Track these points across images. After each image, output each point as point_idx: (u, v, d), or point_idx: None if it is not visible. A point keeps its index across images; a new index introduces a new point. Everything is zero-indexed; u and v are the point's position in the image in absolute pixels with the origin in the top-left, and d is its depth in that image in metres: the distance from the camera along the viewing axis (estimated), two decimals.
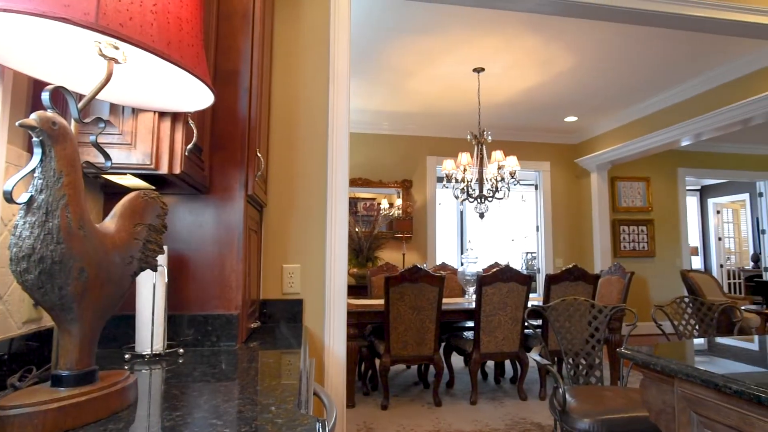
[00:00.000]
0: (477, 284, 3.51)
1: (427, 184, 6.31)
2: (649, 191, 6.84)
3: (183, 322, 1.42)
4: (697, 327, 2.51)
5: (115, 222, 0.87)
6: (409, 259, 6.09)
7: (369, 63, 4.34)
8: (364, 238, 5.59)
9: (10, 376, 0.92)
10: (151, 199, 0.94)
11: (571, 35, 3.77)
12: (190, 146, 1.19)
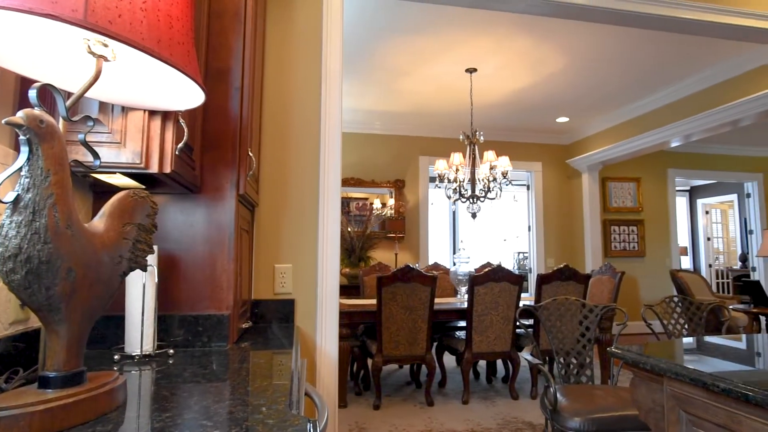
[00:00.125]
0: (469, 284, 3.52)
1: (420, 184, 6.32)
2: (639, 192, 6.90)
3: (173, 323, 1.41)
4: (686, 326, 2.54)
5: (104, 221, 0.86)
6: (402, 258, 6.10)
7: (361, 62, 4.33)
8: (356, 238, 5.58)
9: None
10: (141, 199, 0.93)
11: (562, 36, 3.80)
12: (180, 145, 1.18)
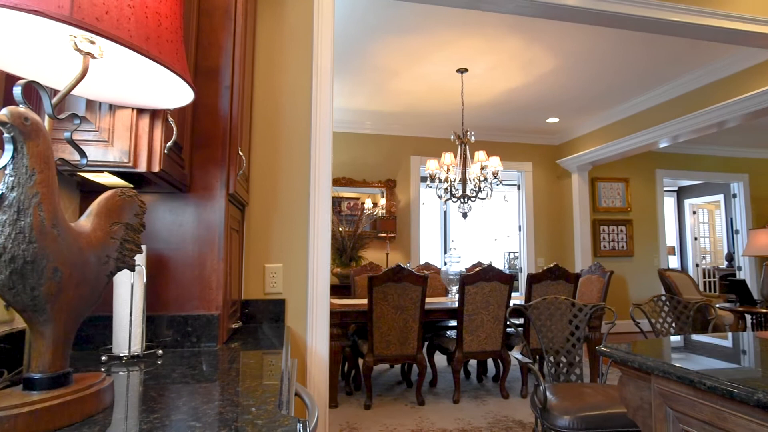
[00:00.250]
0: (460, 284, 3.53)
1: (411, 184, 6.33)
2: (628, 192, 6.97)
3: (162, 323, 1.39)
4: (674, 325, 2.57)
5: (91, 221, 0.85)
6: (393, 258, 6.10)
7: (353, 62, 4.33)
8: (347, 238, 5.58)
9: None
10: (129, 198, 0.92)
11: (552, 37, 3.82)
12: (169, 144, 1.17)
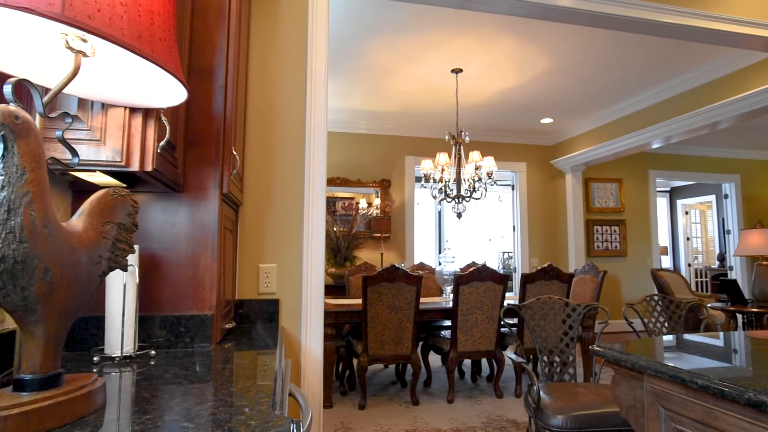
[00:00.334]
0: (454, 283, 3.54)
1: (406, 184, 6.33)
2: (621, 192, 7.01)
3: (155, 323, 1.39)
4: (666, 324, 2.59)
5: (83, 220, 0.84)
6: (388, 258, 6.10)
7: (347, 62, 4.32)
8: (342, 238, 5.57)
9: None
10: (121, 197, 0.91)
11: (546, 38, 3.84)
12: (162, 143, 1.16)
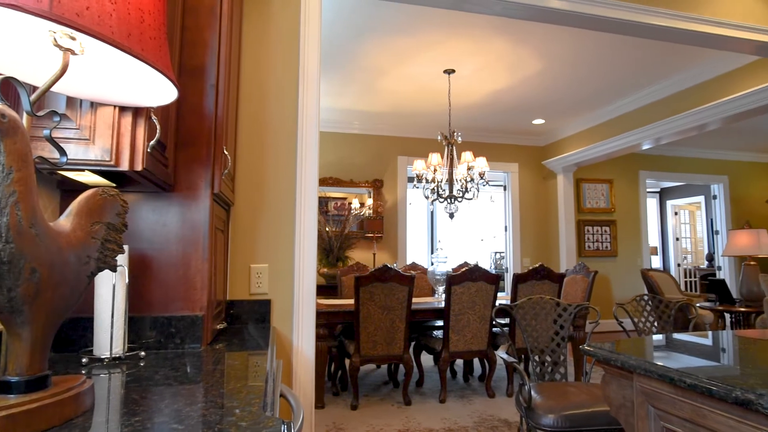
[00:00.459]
0: (446, 284, 3.54)
1: (398, 184, 6.33)
2: (612, 193, 7.07)
3: (145, 324, 1.37)
4: (656, 324, 2.61)
5: (71, 220, 0.83)
6: (380, 258, 6.10)
7: (340, 62, 4.32)
8: (334, 238, 5.56)
9: None
10: (110, 197, 0.90)
11: (538, 40, 3.86)
12: (152, 142, 1.15)
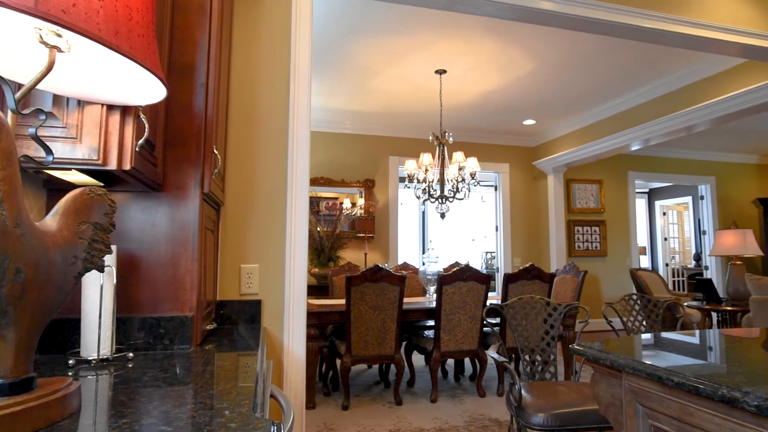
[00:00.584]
0: (438, 283, 3.55)
1: (390, 184, 6.33)
2: (601, 193, 7.13)
3: (134, 325, 1.36)
4: (645, 323, 2.64)
5: (57, 220, 0.82)
6: (371, 258, 6.10)
7: (331, 61, 4.31)
8: (325, 238, 5.55)
9: None
10: (98, 196, 0.89)
11: (529, 41, 3.88)
12: (141, 141, 1.14)
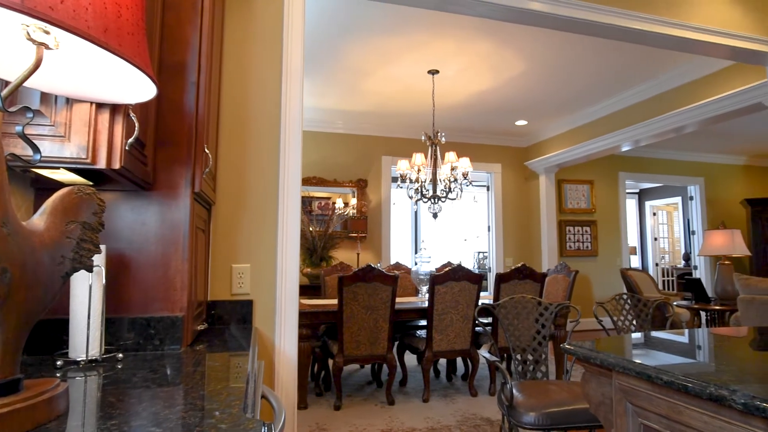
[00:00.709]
0: (430, 283, 3.55)
1: (382, 184, 6.33)
2: (592, 194, 7.19)
3: (123, 326, 1.35)
4: (635, 322, 2.66)
5: (45, 219, 0.81)
6: (364, 258, 6.09)
7: (324, 61, 4.30)
8: (318, 238, 5.53)
9: None
10: (87, 195, 0.88)
11: (521, 42, 3.90)
12: (131, 140, 1.13)
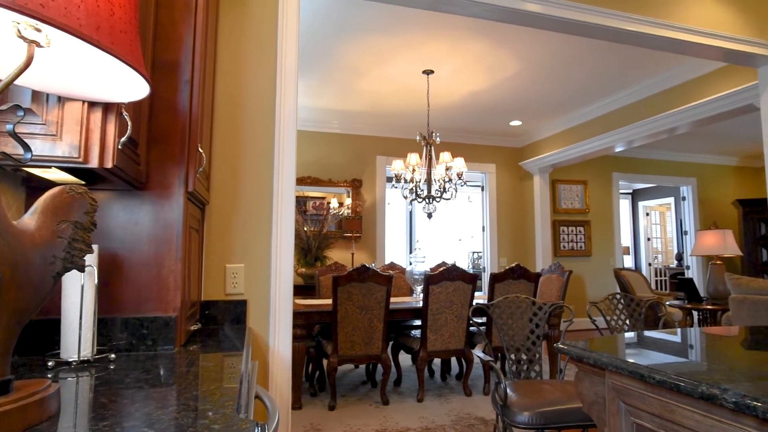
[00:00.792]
0: (424, 283, 3.56)
1: (377, 184, 6.33)
2: (586, 194, 7.22)
3: (116, 326, 1.34)
4: (628, 322, 2.68)
5: (36, 219, 0.80)
6: (358, 258, 6.09)
7: (319, 61, 4.29)
8: (312, 238, 5.52)
9: None
10: (78, 195, 0.87)
11: (516, 42, 3.91)
12: (123, 139, 1.12)
